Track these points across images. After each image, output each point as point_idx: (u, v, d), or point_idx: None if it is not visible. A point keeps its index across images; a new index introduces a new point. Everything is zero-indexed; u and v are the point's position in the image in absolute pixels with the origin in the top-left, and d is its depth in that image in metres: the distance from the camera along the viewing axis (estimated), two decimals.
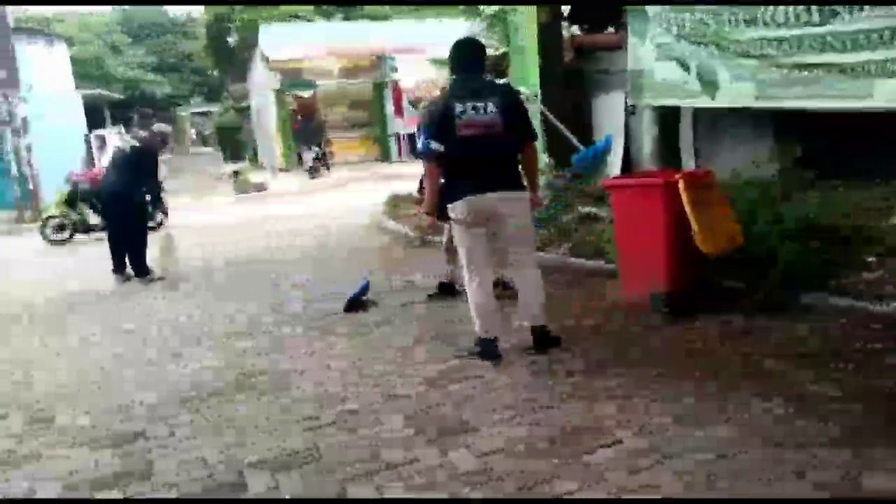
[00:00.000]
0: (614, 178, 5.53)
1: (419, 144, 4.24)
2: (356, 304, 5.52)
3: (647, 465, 2.86)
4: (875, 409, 3.15)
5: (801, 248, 4.64)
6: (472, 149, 3.96)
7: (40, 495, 3.08)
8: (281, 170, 20.93)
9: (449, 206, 4.12)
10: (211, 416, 3.73)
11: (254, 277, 7.29)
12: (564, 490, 2.73)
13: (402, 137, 21.01)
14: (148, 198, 7.87)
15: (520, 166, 4.25)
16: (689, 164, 7.07)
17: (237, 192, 16.59)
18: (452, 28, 12.91)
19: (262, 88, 22.94)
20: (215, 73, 38.22)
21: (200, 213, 14.08)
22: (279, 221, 11.50)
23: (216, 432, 3.53)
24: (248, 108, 26.66)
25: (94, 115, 23.95)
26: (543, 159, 7.94)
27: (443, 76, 16.65)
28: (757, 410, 3.26)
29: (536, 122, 8.04)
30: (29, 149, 16.29)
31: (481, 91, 4.01)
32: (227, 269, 7.90)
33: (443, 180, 4.16)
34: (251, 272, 7.59)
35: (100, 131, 21.29)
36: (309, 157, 19.16)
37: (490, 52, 4.62)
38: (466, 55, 4.18)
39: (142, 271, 7.45)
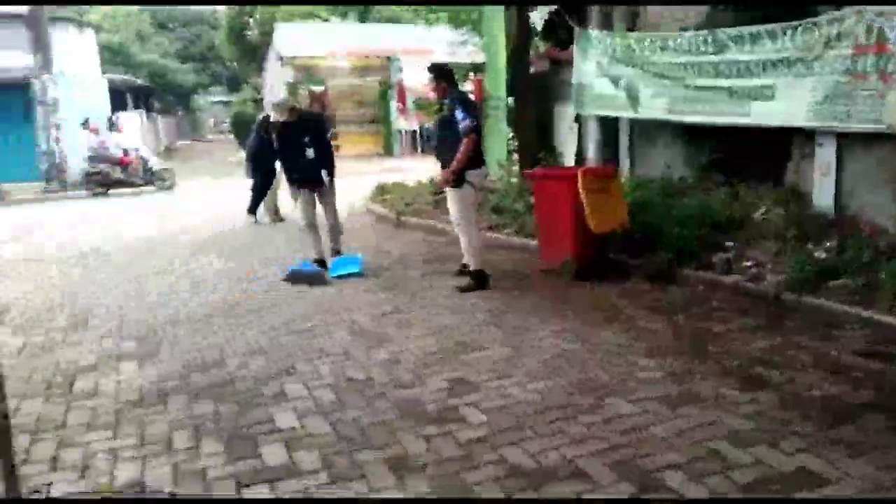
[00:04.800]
0: (535, 170, 6.75)
1: (470, 122, 5.51)
2: (299, 278, 6.28)
3: (502, 360, 4.13)
4: (694, 343, 4.35)
5: (682, 233, 5.89)
6: (479, 128, 5.80)
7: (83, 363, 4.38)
8: None
9: (473, 172, 5.64)
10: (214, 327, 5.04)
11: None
12: (447, 374, 3.97)
13: (404, 134, 22.25)
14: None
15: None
16: (625, 164, 8.29)
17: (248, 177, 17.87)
18: (452, 34, 14.20)
19: (275, 82, 24.26)
20: (235, 64, 39.63)
21: (214, 189, 15.41)
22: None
23: (209, 338, 4.83)
24: (262, 99, 28.02)
25: (118, 99, 25.32)
26: (511, 159, 9.25)
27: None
28: (603, 334, 4.52)
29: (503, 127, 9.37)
30: (59, 127, 17.67)
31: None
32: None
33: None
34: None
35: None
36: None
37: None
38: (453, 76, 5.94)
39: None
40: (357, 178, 17.00)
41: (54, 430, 3.46)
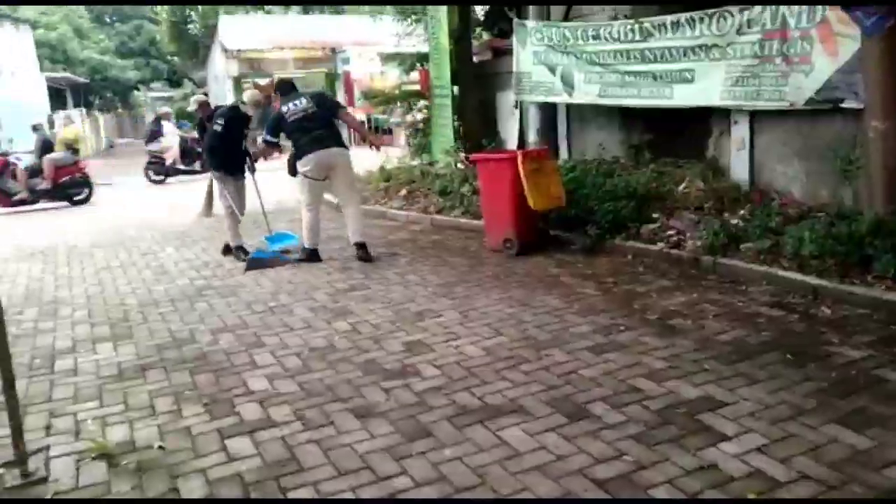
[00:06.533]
0: (478, 154, 7.21)
1: (264, 136, 6.68)
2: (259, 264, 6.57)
3: (453, 325, 4.57)
4: (618, 301, 4.89)
5: (612, 208, 6.42)
6: (298, 126, 6.39)
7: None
8: None
9: (299, 162, 6.37)
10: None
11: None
12: (404, 339, 4.38)
13: None
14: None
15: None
16: (563, 146, 8.82)
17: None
18: (398, 26, 14.54)
19: (220, 76, 24.17)
20: (176, 59, 38.97)
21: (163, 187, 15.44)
22: None
23: (179, 320, 5.14)
24: (207, 93, 27.78)
25: (58, 97, 24.86)
26: (457, 145, 9.63)
27: (388, 69, 18.32)
28: (542, 299, 5.00)
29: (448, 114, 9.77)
30: None
31: (297, 98, 6.52)
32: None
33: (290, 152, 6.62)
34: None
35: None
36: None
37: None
38: (287, 87, 6.73)
39: None
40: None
41: (42, 403, 3.75)
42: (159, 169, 15.47)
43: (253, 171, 7.34)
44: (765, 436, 2.95)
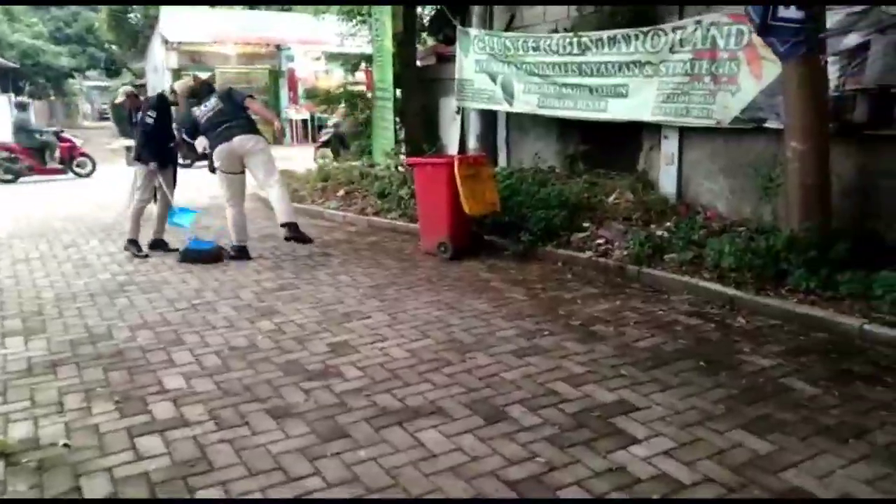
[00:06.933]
0: (415, 157, 7.24)
1: (181, 135, 6.86)
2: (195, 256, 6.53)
3: (381, 326, 4.55)
4: (544, 306, 4.97)
5: (545, 216, 6.51)
6: (209, 124, 6.45)
7: None
8: None
9: (214, 157, 6.44)
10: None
11: None
12: (329, 340, 4.34)
13: (295, 123, 22.14)
14: None
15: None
16: (502, 154, 8.92)
17: (129, 165, 17.33)
18: (342, 26, 14.44)
19: (159, 67, 23.52)
20: (114, 48, 37.74)
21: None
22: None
23: (97, 315, 4.96)
24: (145, 85, 26.99)
25: None
26: (397, 148, 9.63)
27: (333, 68, 18.14)
28: (471, 303, 5.03)
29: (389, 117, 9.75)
30: None
31: (206, 99, 6.56)
32: None
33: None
34: None
35: None
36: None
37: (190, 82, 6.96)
38: (204, 90, 6.74)
39: None
40: None
41: None
42: None
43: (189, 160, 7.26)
44: (673, 440, 3.04)
